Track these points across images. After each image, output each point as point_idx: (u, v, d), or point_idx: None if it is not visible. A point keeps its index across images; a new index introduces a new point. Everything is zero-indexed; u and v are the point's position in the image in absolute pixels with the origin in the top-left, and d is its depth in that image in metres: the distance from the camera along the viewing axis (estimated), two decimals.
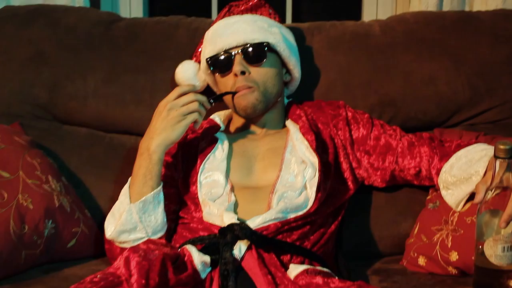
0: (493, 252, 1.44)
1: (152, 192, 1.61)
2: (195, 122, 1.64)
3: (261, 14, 1.85)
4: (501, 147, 1.42)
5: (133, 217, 1.60)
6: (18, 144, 1.77)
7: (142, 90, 2.05)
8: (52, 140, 2.01)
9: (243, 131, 1.82)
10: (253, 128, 1.81)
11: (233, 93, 1.73)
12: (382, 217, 1.92)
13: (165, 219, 1.64)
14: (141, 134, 1.80)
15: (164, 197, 1.66)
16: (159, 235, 1.62)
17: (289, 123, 1.81)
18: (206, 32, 1.85)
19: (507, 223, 1.39)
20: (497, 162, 1.43)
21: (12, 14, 2.15)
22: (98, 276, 1.32)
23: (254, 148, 1.76)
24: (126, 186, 1.66)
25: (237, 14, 1.84)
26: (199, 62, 1.88)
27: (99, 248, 1.81)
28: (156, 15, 2.30)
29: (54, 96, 2.07)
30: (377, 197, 1.92)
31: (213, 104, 1.68)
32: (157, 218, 1.62)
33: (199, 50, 1.91)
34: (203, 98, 1.64)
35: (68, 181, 1.90)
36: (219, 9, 2.48)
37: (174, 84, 1.98)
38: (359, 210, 1.91)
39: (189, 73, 1.87)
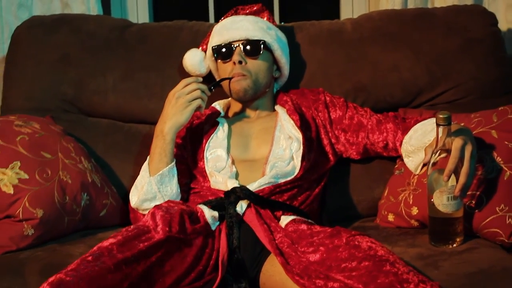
0: (440, 201, 1.72)
1: (167, 167, 1.90)
2: (199, 107, 1.92)
3: (261, 17, 2.16)
4: (441, 116, 1.70)
5: (152, 188, 1.89)
6: (54, 132, 2.04)
7: (154, 85, 2.27)
8: (79, 130, 2.23)
9: (240, 115, 2.11)
10: (248, 112, 2.11)
11: (229, 79, 2.01)
12: (359, 184, 2.16)
13: (179, 190, 1.92)
14: (154, 123, 2.04)
15: (178, 172, 1.95)
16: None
17: (277, 107, 2.11)
18: (215, 26, 2.14)
19: (449, 177, 1.68)
20: (439, 129, 1.71)
21: (40, 23, 2.35)
22: (131, 227, 1.66)
23: (249, 128, 2.06)
24: (145, 163, 1.95)
25: (242, 15, 2.15)
26: (205, 51, 2.17)
27: (124, 218, 2.06)
28: (160, 20, 2.52)
29: (79, 92, 2.29)
30: (354, 168, 2.16)
31: (213, 90, 1.96)
32: (172, 188, 1.91)
33: (206, 41, 2.19)
34: (204, 87, 1.92)
35: (96, 162, 2.14)
36: (216, 14, 2.76)
37: (180, 79, 2.16)
38: (339, 179, 2.14)
39: (196, 59, 2.16)
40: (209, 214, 1.77)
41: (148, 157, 1.96)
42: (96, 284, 1.44)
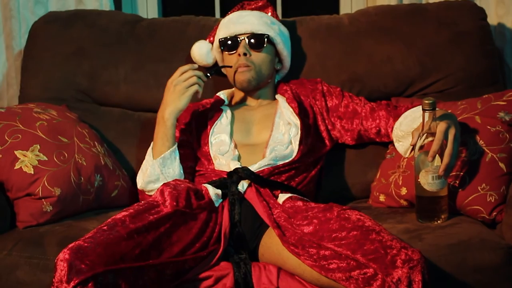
0: (426, 181, 1.86)
1: (169, 150, 2.02)
2: (196, 92, 2.03)
3: (266, 13, 2.30)
4: (426, 102, 1.84)
5: (155, 170, 2.02)
6: (70, 119, 2.19)
7: (162, 76, 2.34)
8: (93, 118, 2.36)
9: (243, 103, 2.25)
10: (250, 101, 2.24)
11: (228, 67, 2.15)
12: (353, 168, 2.28)
13: (181, 171, 2.04)
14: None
15: (183, 156, 2.08)
16: None
17: (278, 96, 2.25)
18: (222, 19, 2.27)
19: (434, 158, 1.82)
20: (425, 114, 1.85)
21: (55, 18, 2.49)
22: (142, 202, 1.82)
23: (251, 115, 2.20)
24: (150, 148, 2.08)
25: (248, 9, 2.29)
26: (212, 43, 2.31)
27: (133, 199, 2.16)
28: (168, 15, 2.64)
29: (92, 83, 2.41)
30: (349, 153, 2.29)
31: (210, 77, 2.07)
32: (174, 170, 2.03)
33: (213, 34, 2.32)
34: (199, 73, 2.03)
35: (108, 147, 2.27)
36: (222, 9, 2.86)
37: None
38: (335, 164, 2.27)
39: (203, 50, 2.30)
40: (213, 191, 1.91)
41: (152, 142, 2.09)
42: (111, 250, 1.59)
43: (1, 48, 2.72)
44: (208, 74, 2.08)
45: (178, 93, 2.03)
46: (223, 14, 2.81)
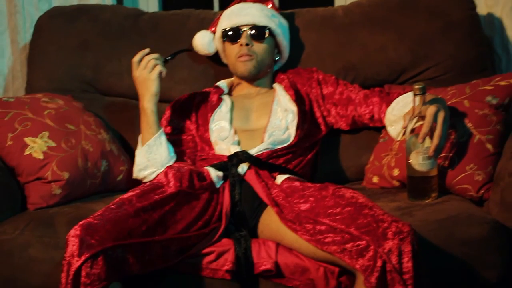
0: (416, 161, 1.95)
1: (153, 137, 2.11)
2: (161, 72, 2.10)
3: (266, 5, 2.38)
4: (416, 87, 1.94)
5: (143, 158, 2.12)
6: (76, 108, 2.29)
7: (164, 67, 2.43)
8: (97, 107, 2.45)
9: (242, 92, 2.34)
10: (249, 89, 2.33)
11: (187, 50, 2.26)
12: (348, 152, 2.37)
13: (171, 154, 2.12)
14: (163, 101, 2.29)
15: (184, 141, 2.19)
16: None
17: (275, 85, 2.34)
18: (225, 11, 2.36)
19: (424, 139, 1.91)
20: (416, 98, 1.95)
21: (60, 13, 2.58)
22: (147, 183, 1.92)
23: (250, 103, 2.29)
24: (139, 138, 2.17)
25: (250, 2, 2.38)
26: (213, 33, 2.40)
27: (137, 183, 2.17)
28: (168, 9, 2.71)
29: (96, 74, 2.50)
30: (344, 138, 2.38)
31: (169, 60, 2.15)
32: (161, 155, 2.11)
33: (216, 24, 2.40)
34: (155, 55, 2.11)
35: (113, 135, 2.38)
36: (221, 3, 2.94)
37: (189, 61, 2.45)
38: (331, 148, 2.36)
39: (205, 40, 2.38)
40: (214, 173, 2.01)
41: None
42: (119, 226, 1.69)
43: (6, 42, 2.81)
44: (168, 58, 2.17)
45: (145, 81, 2.11)
46: (222, 7, 2.91)
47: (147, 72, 2.11)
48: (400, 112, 2.15)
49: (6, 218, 2.03)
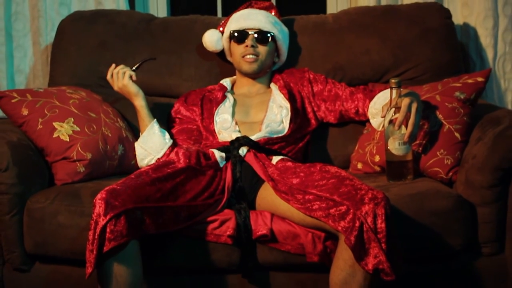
0: (393, 146, 2.22)
1: (146, 129, 2.39)
2: (131, 76, 2.38)
3: (270, 12, 2.65)
4: (393, 80, 2.22)
5: (140, 149, 2.41)
6: (96, 99, 2.56)
7: (173, 65, 2.71)
8: (114, 101, 2.66)
9: (243, 91, 2.61)
10: (249, 88, 2.60)
11: (151, 59, 2.50)
12: (336, 143, 2.61)
13: (165, 141, 2.37)
14: (173, 96, 2.60)
15: (188, 131, 2.46)
16: (163, 152, 2.36)
17: (272, 85, 2.62)
18: (234, 14, 2.62)
19: (399, 126, 2.19)
20: (393, 91, 2.23)
21: (81, 16, 2.82)
22: (161, 160, 2.21)
23: (250, 101, 2.56)
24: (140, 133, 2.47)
25: (256, 8, 2.65)
26: (222, 32, 2.65)
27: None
28: (176, 15, 2.95)
29: None
30: (332, 130, 2.62)
31: (136, 69, 2.42)
32: (155, 143, 2.38)
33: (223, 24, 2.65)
34: (121, 66, 2.40)
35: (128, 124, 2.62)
36: (223, 10, 3.19)
37: (197, 60, 2.69)
38: (320, 139, 2.61)
39: (214, 38, 2.64)
40: (218, 154, 2.30)
41: None
42: (138, 192, 1.98)
43: (29, 44, 3.05)
44: (134, 68, 2.45)
45: (123, 87, 2.41)
46: (224, 14, 3.16)
47: (120, 80, 2.40)
48: (380, 105, 2.42)
49: (37, 191, 2.30)
